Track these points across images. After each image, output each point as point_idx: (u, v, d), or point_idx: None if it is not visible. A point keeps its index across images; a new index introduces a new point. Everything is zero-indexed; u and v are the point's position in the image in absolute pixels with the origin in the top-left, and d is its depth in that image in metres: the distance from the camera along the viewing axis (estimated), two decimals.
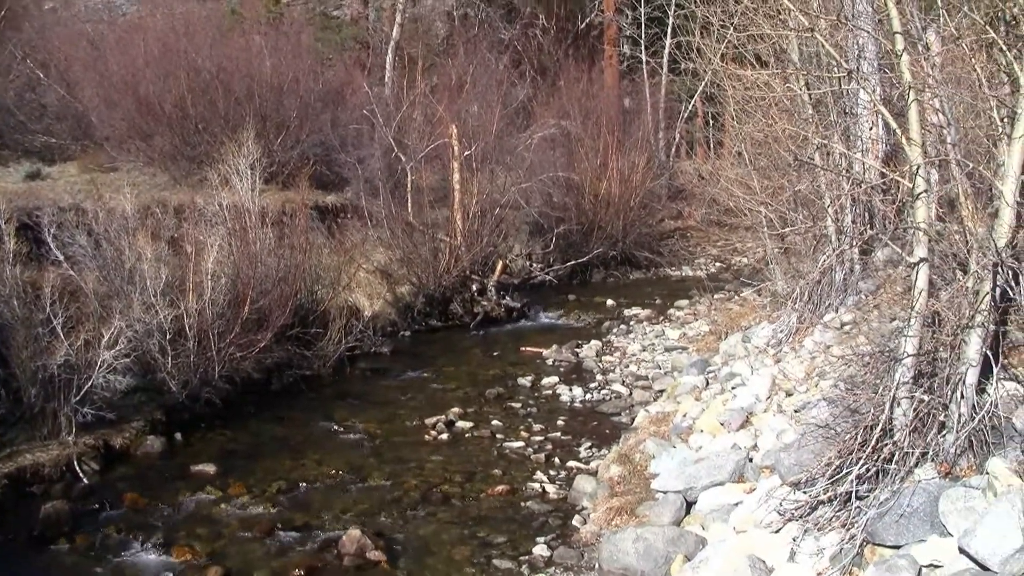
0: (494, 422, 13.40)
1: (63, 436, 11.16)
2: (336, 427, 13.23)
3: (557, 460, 11.89)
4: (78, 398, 11.23)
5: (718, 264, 27.63)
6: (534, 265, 24.08)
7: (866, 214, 13.59)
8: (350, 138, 22.96)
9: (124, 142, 21.52)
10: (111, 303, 12.47)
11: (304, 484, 11.05)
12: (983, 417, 7.06)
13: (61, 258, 12.97)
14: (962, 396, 7.11)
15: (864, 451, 7.30)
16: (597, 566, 8.52)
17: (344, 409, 14.04)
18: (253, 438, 12.73)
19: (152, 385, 12.70)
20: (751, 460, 9.50)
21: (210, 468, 11.41)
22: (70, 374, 11.22)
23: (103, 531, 9.65)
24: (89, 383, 11.28)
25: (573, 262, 24.94)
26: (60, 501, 10.07)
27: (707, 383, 13.04)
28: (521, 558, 9.13)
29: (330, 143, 22.53)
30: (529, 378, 15.75)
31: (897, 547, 6.74)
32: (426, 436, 12.86)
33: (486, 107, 23.67)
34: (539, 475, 11.31)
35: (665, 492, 9.48)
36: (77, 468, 10.92)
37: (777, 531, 7.71)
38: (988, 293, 6.96)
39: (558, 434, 12.92)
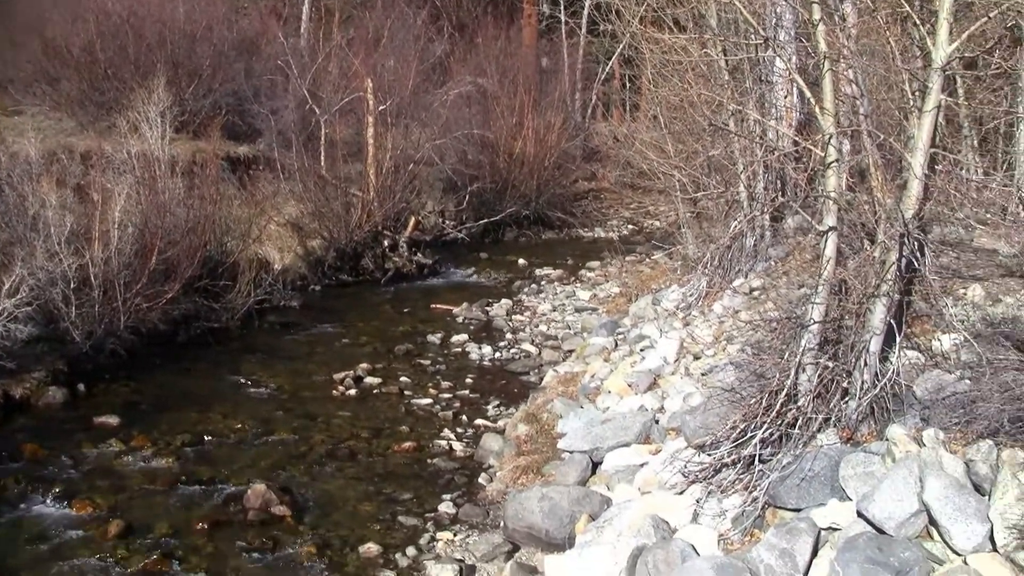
0: (403, 379, 13.38)
1: None
2: (243, 380, 13.09)
3: (465, 418, 11.92)
4: None
5: (630, 226, 27.76)
6: (447, 222, 24.00)
7: (778, 181, 13.78)
8: (264, 89, 22.62)
9: (29, 85, 20.99)
10: (13, 250, 12.18)
11: (209, 438, 10.94)
12: (885, 385, 7.22)
13: None
14: (865, 364, 7.25)
15: (768, 415, 7.41)
16: (502, 524, 8.56)
17: (252, 363, 13.90)
18: (158, 390, 12.53)
19: (55, 335, 12.45)
20: (657, 422, 9.60)
21: (113, 420, 11.24)
22: None
23: (1, 483, 9.46)
24: None
25: (486, 220, 24.89)
26: None
27: (616, 344, 13.14)
28: (427, 515, 9.16)
29: (243, 93, 22.18)
30: (439, 335, 15.73)
31: (798, 510, 6.86)
32: (334, 391, 12.80)
33: (403, 62, 23.41)
34: (446, 432, 11.34)
35: (571, 452, 9.55)
36: None
37: (681, 493, 7.81)
38: (894, 263, 7.08)
39: (466, 392, 12.94)
